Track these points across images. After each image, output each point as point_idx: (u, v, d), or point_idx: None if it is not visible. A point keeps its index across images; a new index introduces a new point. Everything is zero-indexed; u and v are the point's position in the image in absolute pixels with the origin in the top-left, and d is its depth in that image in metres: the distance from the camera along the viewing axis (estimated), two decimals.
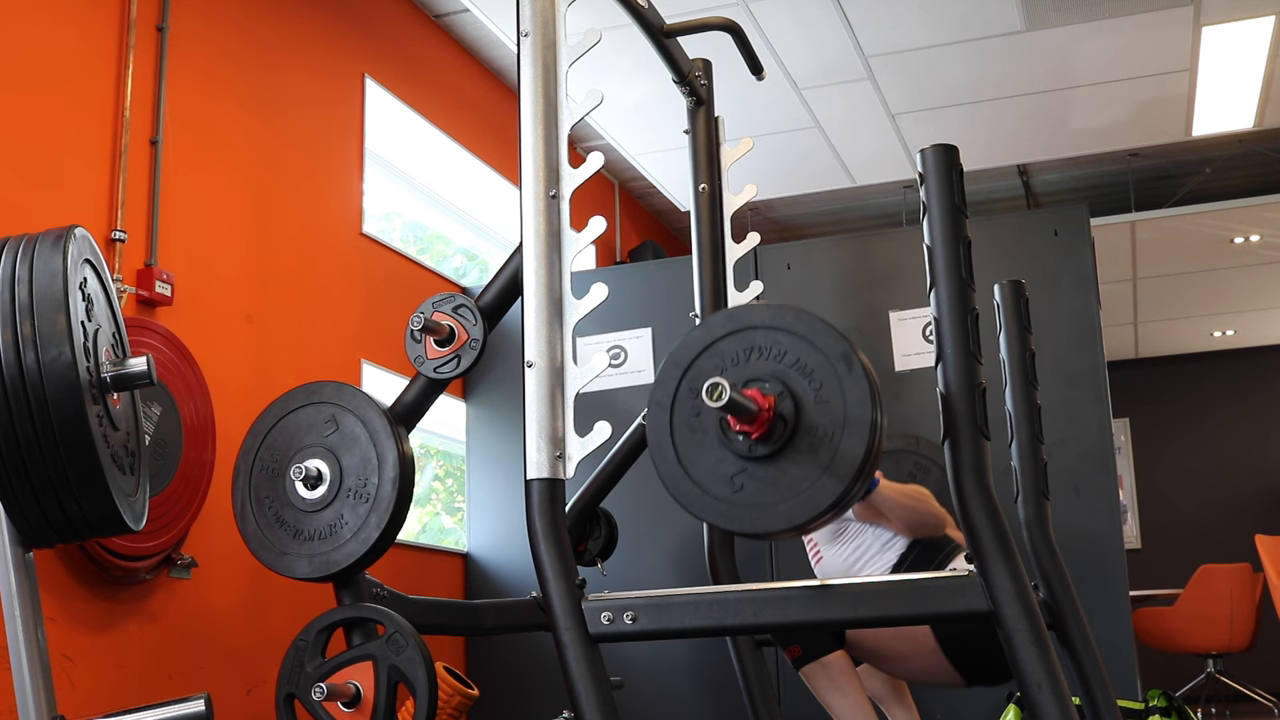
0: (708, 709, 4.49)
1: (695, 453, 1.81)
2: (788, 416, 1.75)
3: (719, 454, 1.79)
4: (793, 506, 1.73)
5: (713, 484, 1.79)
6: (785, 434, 1.75)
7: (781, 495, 1.74)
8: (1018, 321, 3.01)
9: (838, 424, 1.73)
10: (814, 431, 1.74)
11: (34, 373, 2.01)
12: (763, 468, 1.76)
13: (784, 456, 1.75)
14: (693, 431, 1.81)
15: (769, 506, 1.75)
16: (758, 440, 1.75)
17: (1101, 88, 5.78)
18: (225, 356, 3.79)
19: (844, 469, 1.71)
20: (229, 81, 3.98)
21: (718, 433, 1.79)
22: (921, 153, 1.90)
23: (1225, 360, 9.72)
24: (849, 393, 1.73)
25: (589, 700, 1.77)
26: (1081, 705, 2.84)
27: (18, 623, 2.09)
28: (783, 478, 1.74)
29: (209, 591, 3.63)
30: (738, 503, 1.77)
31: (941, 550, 2.96)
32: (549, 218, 1.99)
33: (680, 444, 1.81)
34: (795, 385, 1.76)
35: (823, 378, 1.75)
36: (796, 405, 1.75)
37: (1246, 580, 7.20)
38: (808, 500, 1.73)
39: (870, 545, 2.98)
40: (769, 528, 1.76)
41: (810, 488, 1.72)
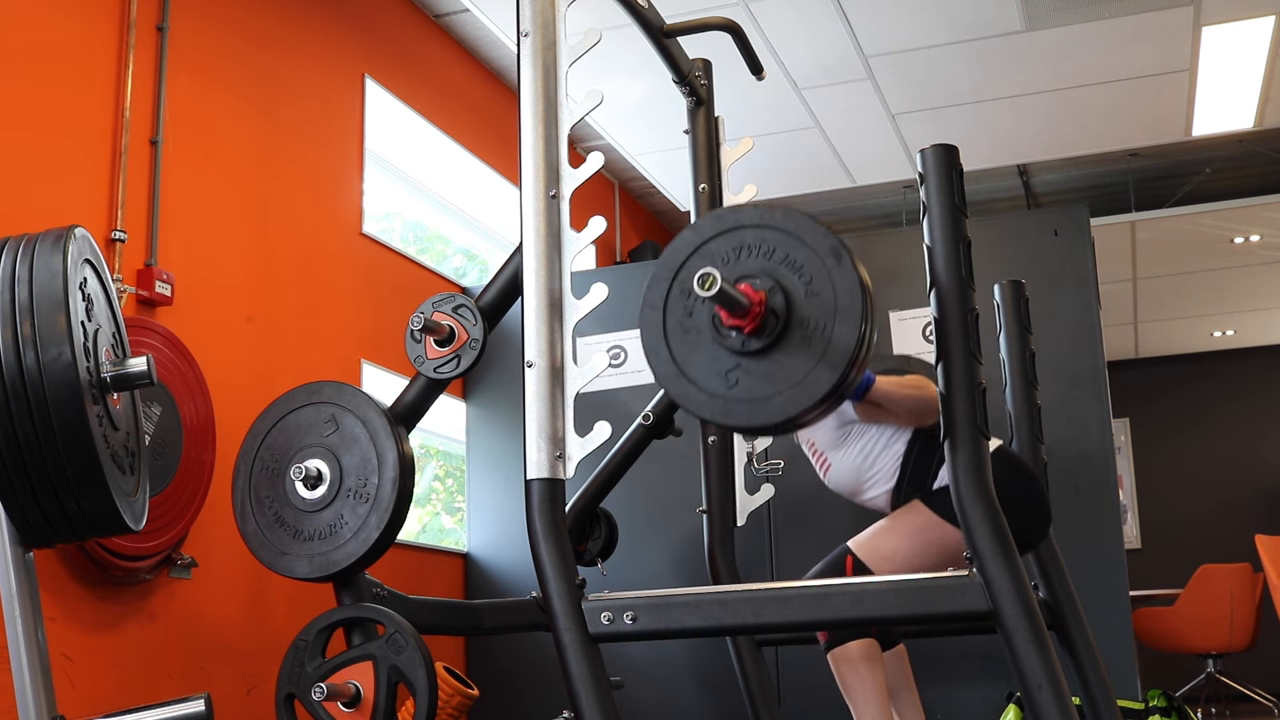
0: (708, 709, 4.49)
1: (689, 351, 1.83)
2: (779, 311, 1.77)
3: (713, 351, 1.81)
4: (788, 398, 1.76)
5: (708, 381, 1.80)
6: (777, 328, 1.77)
7: (777, 388, 1.77)
8: (1018, 321, 3.01)
9: (829, 315, 1.75)
10: (806, 324, 1.76)
11: (34, 373, 2.01)
12: (757, 362, 1.78)
13: (777, 350, 1.77)
14: (686, 331, 1.83)
15: (764, 400, 1.77)
16: (750, 335, 1.77)
17: (1101, 88, 5.78)
18: (225, 356, 3.79)
19: (837, 358, 1.73)
20: (229, 81, 3.98)
21: (711, 330, 1.81)
22: (921, 153, 1.90)
23: (1225, 360, 9.72)
24: (839, 285, 1.75)
25: (589, 700, 1.77)
26: (1081, 705, 2.84)
27: (18, 623, 2.09)
28: (777, 371, 1.77)
29: (209, 591, 3.63)
30: (733, 398, 1.79)
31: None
32: (549, 218, 1.99)
33: (674, 344, 1.83)
34: (786, 280, 1.78)
35: (812, 272, 1.77)
36: (788, 299, 1.77)
37: (1246, 580, 7.20)
38: (803, 391, 1.75)
39: (875, 442, 2.97)
40: (765, 420, 1.78)
41: (805, 378, 1.75)
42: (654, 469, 4.09)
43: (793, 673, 4.34)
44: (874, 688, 2.83)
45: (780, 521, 4.44)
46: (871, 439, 2.98)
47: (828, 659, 2.88)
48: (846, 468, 3.02)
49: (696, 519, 3.35)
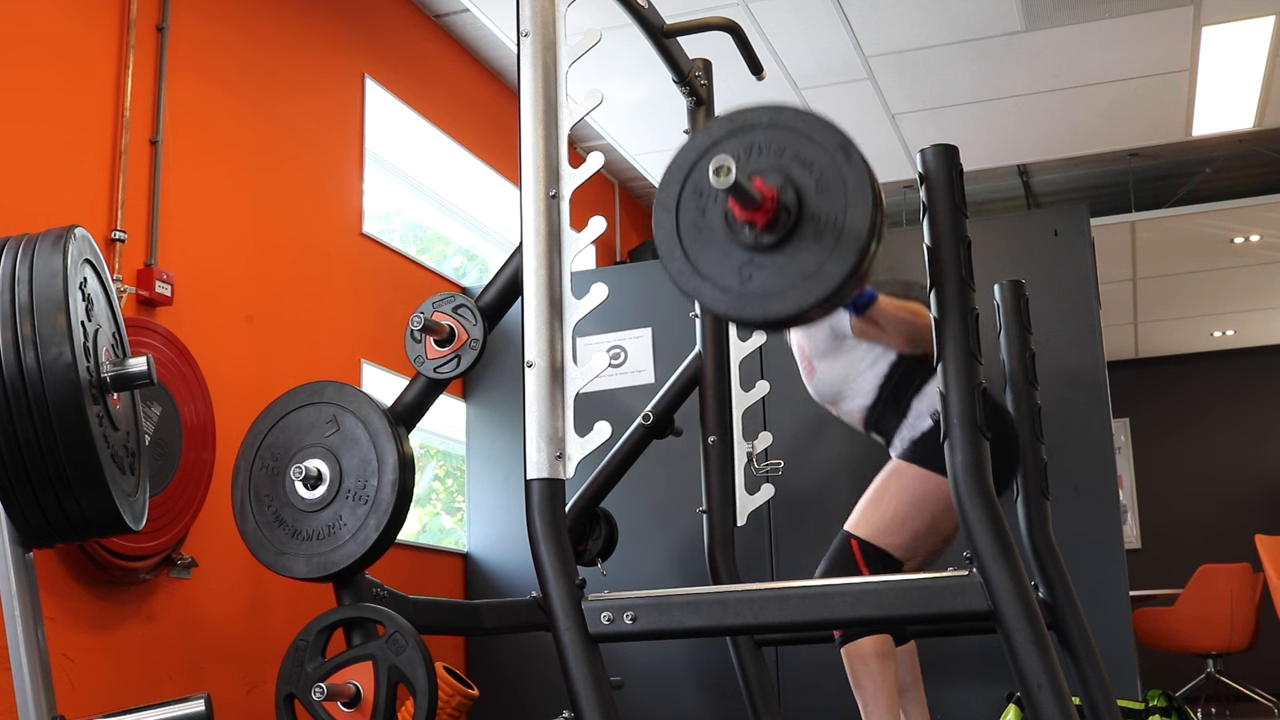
0: (708, 709, 4.49)
1: (702, 250, 1.85)
2: (791, 206, 1.79)
3: (726, 248, 1.83)
4: (802, 291, 1.78)
5: (722, 277, 1.83)
6: (790, 223, 1.79)
7: (790, 281, 1.79)
8: (1018, 321, 3.01)
9: (840, 209, 1.78)
10: (818, 218, 1.78)
11: (34, 373, 2.01)
12: (770, 257, 1.80)
13: (790, 244, 1.79)
14: (699, 230, 1.85)
15: (778, 293, 1.79)
16: (763, 230, 1.80)
17: (1101, 88, 5.78)
18: (225, 356, 3.79)
19: (849, 250, 1.76)
20: (229, 81, 3.98)
21: (724, 228, 1.83)
22: (921, 153, 1.90)
23: (1225, 360, 9.72)
24: (849, 179, 1.78)
25: (589, 700, 1.77)
26: (1081, 705, 2.84)
27: (18, 623, 2.09)
28: (790, 264, 1.79)
29: (209, 591, 3.63)
30: (747, 292, 1.81)
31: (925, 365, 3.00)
32: (549, 218, 1.99)
33: (687, 242, 1.86)
34: (797, 177, 1.81)
35: (823, 168, 1.80)
36: (799, 195, 1.80)
37: (1246, 580, 7.20)
38: (816, 283, 1.77)
39: (862, 359, 3.03)
40: (779, 313, 1.80)
41: (818, 271, 1.77)
42: (654, 469, 4.09)
43: (793, 673, 4.34)
44: (885, 686, 2.82)
45: (780, 521, 4.44)
46: (860, 355, 3.03)
47: (841, 653, 2.87)
48: (831, 377, 3.07)
49: (696, 519, 3.35)
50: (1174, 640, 7.33)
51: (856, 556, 2.85)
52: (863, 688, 2.85)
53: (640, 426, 3.35)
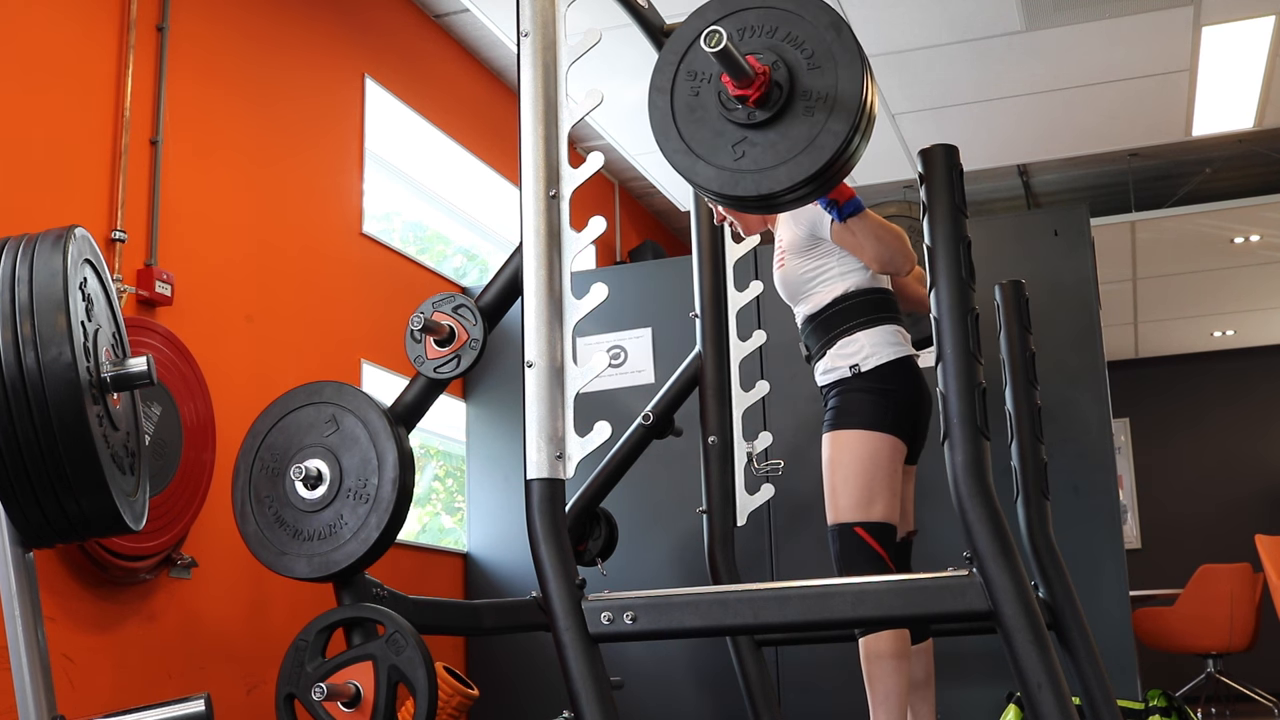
0: (708, 709, 4.49)
1: (696, 129, 1.88)
2: (783, 83, 1.82)
3: (719, 126, 1.86)
4: (794, 165, 1.81)
5: (716, 155, 1.85)
6: (781, 99, 1.82)
7: (781, 156, 1.82)
8: (1018, 321, 3.01)
9: (830, 85, 1.81)
10: (809, 94, 1.81)
11: (34, 373, 2.01)
12: (762, 133, 1.83)
13: (782, 120, 1.82)
14: (693, 111, 1.88)
15: (771, 168, 1.82)
16: (756, 106, 1.82)
17: (1101, 88, 5.78)
18: (225, 356, 3.79)
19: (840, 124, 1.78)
20: (229, 81, 3.98)
21: (717, 106, 1.86)
22: (921, 153, 1.90)
23: (1225, 360, 9.72)
24: (839, 56, 1.81)
25: (589, 700, 1.77)
26: (1081, 705, 2.84)
27: (18, 623, 2.09)
28: (782, 140, 1.82)
29: (209, 591, 3.63)
30: (740, 169, 1.84)
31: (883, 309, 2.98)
32: (549, 218, 1.99)
33: (682, 124, 1.88)
34: (788, 55, 1.84)
35: (814, 46, 1.84)
36: (790, 72, 1.83)
37: (1246, 580, 7.20)
38: (808, 157, 1.80)
39: (828, 271, 3.01)
40: (772, 188, 1.82)
41: (810, 145, 1.79)
42: (654, 469, 4.09)
43: (793, 673, 4.34)
44: (897, 684, 2.81)
45: (780, 521, 4.44)
46: (829, 265, 3.01)
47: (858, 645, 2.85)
48: (796, 274, 3.05)
49: (696, 519, 3.35)
50: (1174, 640, 7.33)
51: (869, 541, 2.83)
52: (874, 684, 2.83)
53: (640, 426, 3.35)
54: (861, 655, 2.84)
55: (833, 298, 2.99)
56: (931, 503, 3.42)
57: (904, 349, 2.95)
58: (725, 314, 3.40)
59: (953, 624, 3.13)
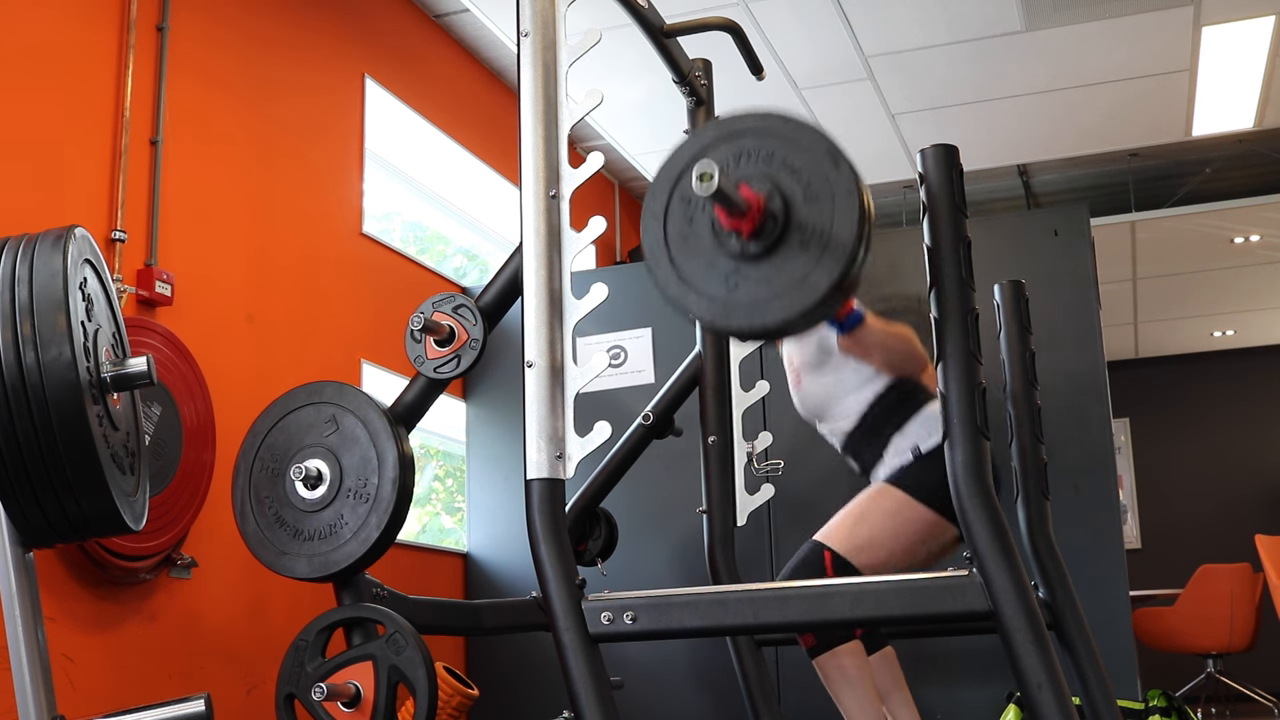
0: (708, 709, 4.49)
1: (689, 258, 1.83)
2: (778, 214, 1.78)
3: (713, 257, 1.82)
4: (788, 301, 1.77)
5: (708, 285, 1.81)
6: (776, 231, 1.78)
7: (776, 290, 1.77)
8: (1018, 321, 3.01)
9: (827, 218, 1.76)
10: (805, 227, 1.77)
11: (34, 373, 2.01)
12: (756, 266, 1.79)
13: (777, 253, 1.78)
14: (686, 239, 1.84)
15: (764, 302, 1.78)
16: (750, 239, 1.78)
17: (1101, 88, 5.78)
18: (225, 356, 3.79)
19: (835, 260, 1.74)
20: (229, 81, 3.98)
21: (710, 236, 1.82)
22: (921, 153, 1.90)
23: (1225, 360, 9.72)
24: (836, 187, 1.76)
25: (589, 700, 1.77)
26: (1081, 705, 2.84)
27: (18, 623, 2.09)
28: (777, 274, 1.77)
29: (209, 591, 3.63)
30: (733, 301, 1.80)
31: (916, 395, 2.98)
32: (549, 218, 1.99)
33: (674, 251, 1.84)
34: (784, 184, 1.79)
35: (810, 176, 1.78)
36: (786, 203, 1.78)
37: (1246, 580, 7.20)
38: (802, 292, 1.75)
39: (850, 379, 3.01)
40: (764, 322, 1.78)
41: (804, 280, 1.75)
42: (654, 469, 4.09)
43: (793, 673, 4.34)
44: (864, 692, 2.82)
45: (780, 521, 4.43)
46: (847, 376, 3.01)
47: (814, 665, 2.88)
48: (816, 392, 3.06)
49: (696, 519, 3.35)
50: (1174, 640, 7.33)
51: (827, 568, 2.84)
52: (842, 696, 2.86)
53: (640, 426, 3.35)
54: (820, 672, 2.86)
55: (864, 407, 2.99)
56: None
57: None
58: None
59: (953, 624, 3.13)
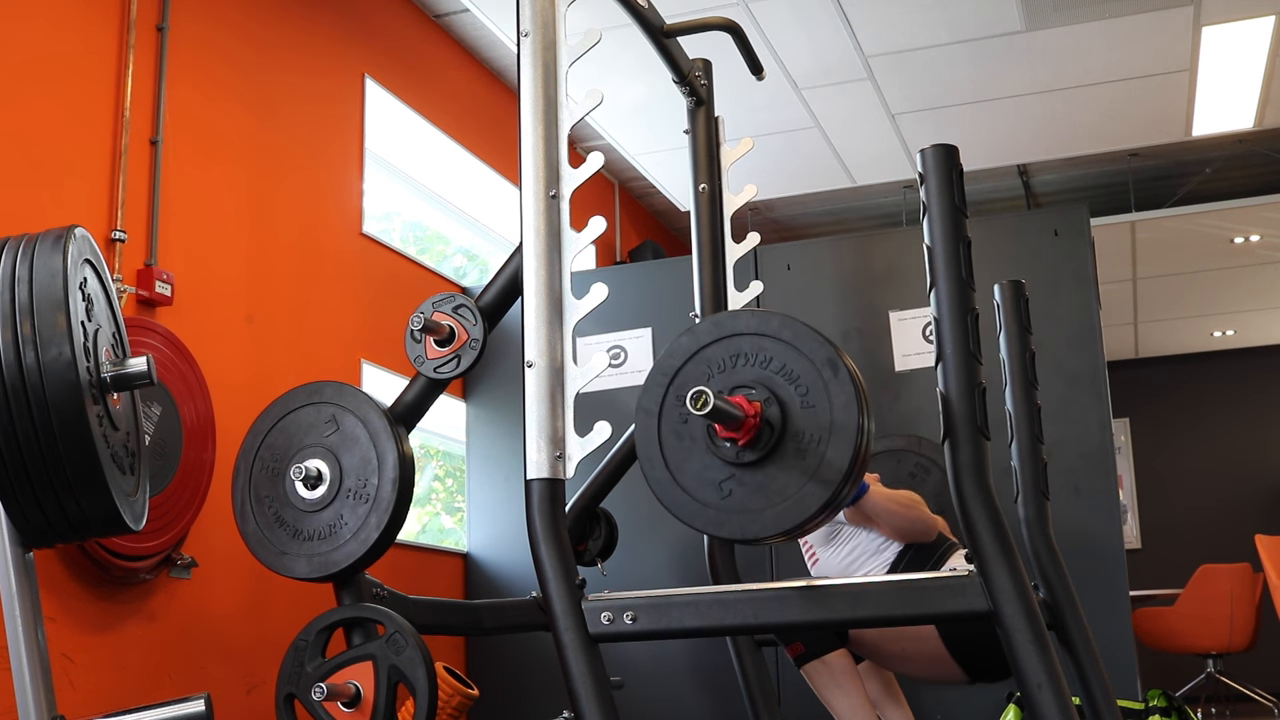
0: (708, 709, 4.49)
1: (683, 460, 1.82)
2: (774, 422, 1.76)
3: (706, 460, 1.80)
4: (780, 512, 1.75)
5: (701, 490, 1.80)
6: (772, 440, 1.76)
7: (769, 501, 1.76)
8: (1018, 321, 3.01)
9: (824, 429, 1.74)
10: (800, 437, 1.75)
11: (34, 372, 2.01)
12: (750, 474, 1.77)
13: (771, 462, 1.76)
14: (680, 439, 1.82)
15: (757, 512, 1.76)
16: (745, 447, 1.76)
17: (1101, 88, 5.78)
18: (225, 356, 3.79)
19: (830, 474, 1.72)
20: (229, 81, 3.98)
21: (705, 440, 1.80)
22: (921, 153, 1.90)
23: (1225, 360, 9.71)
24: (835, 398, 1.74)
25: (589, 700, 1.77)
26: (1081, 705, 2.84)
27: (18, 623, 2.09)
28: (770, 484, 1.76)
29: (209, 591, 3.63)
30: (726, 509, 1.78)
31: (937, 550, 2.96)
32: (549, 218, 1.99)
33: (668, 451, 1.83)
34: (781, 391, 1.77)
35: (809, 383, 1.76)
36: (783, 411, 1.76)
37: (1246, 580, 7.20)
38: (795, 506, 1.74)
39: (865, 547, 2.99)
40: (757, 533, 1.77)
41: (798, 493, 1.74)
42: None
43: (793, 673, 4.33)
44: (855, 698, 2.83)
45: None
46: (861, 543, 3.01)
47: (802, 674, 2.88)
48: (834, 566, 3.05)
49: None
50: (1174, 640, 7.32)
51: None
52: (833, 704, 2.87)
53: None
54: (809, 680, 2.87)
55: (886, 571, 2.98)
56: None
57: None
58: None
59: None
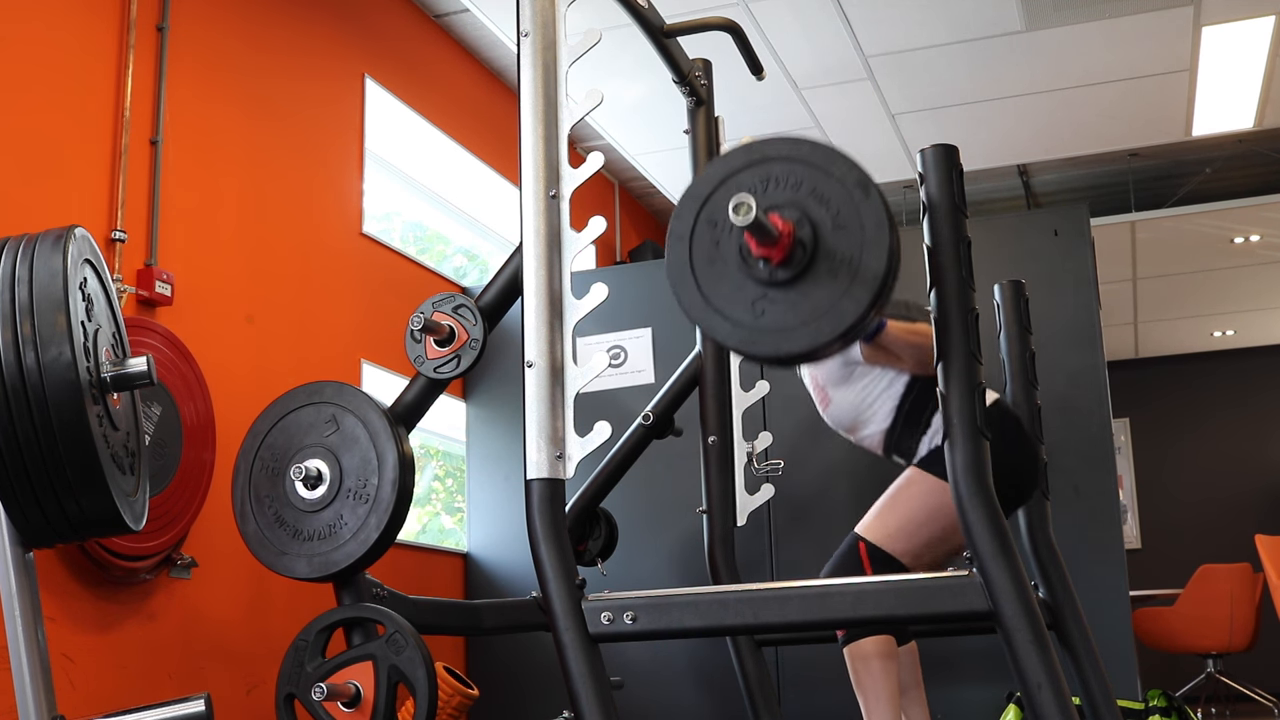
0: (708, 709, 4.49)
1: (716, 282, 1.83)
2: (807, 242, 1.78)
3: (740, 281, 1.82)
4: (815, 328, 1.77)
5: (735, 311, 1.82)
6: (805, 259, 1.78)
7: (803, 318, 1.78)
8: (1018, 321, 3.01)
9: (856, 247, 1.76)
10: (833, 255, 1.77)
11: (34, 373, 2.01)
12: (784, 293, 1.79)
13: (804, 281, 1.78)
14: (712, 262, 1.84)
15: (791, 329, 1.78)
16: (778, 266, 1.78)
17: (1101, 88, 5.78)
18: (225, 356, 3.79)
19: (863, 289, 1.74)
20: (229, 82, 3.98)
21: (738, 261, 1.82)
22: (921, 153, 1.90)
23: (1225, 360, 9.72)
24: (866, 218, 1.77)
25: (589, 700, 1.77)
26: (1081, 705, 2.84)
27: (18, 623, 2.09)
28: (804, 301, 1.78)
29: (209, 591, 3.63)
30: (760, 328, 1.80)
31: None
32: (549, 218, 1.99)
33: (701, 275, 1.84)
34: (813, 212, 1.79)
35: (840, 205, 1.79)
36: (815, 231, 1.79)
37: (1246, 580, 7.20)
38: (829, 321, 1.76)
39: (876, 384, 3.03)
40: (792, 349, 1.79)
41: (832, 309, 1.76)
42: (654, 469, 4.09)
43: (793, 673, 4.34)
44: (887, 686, 2.82)
45: (780, 521, 4.44)
46: (873, 380, 3.02)
47: (843, 653, 2.87)
48: (846, 405, 3.06)
49: (696, 519, 3.35)
50: (1174, 640, 7.33)
51: (863, 559, 2.85)
52: (864, 689, 2.85)
53: (640, 426, 3.35)
54: (848, 662, 2.85)
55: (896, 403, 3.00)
56: None
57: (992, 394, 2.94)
58: None
59: (953, 624, 3.13)
